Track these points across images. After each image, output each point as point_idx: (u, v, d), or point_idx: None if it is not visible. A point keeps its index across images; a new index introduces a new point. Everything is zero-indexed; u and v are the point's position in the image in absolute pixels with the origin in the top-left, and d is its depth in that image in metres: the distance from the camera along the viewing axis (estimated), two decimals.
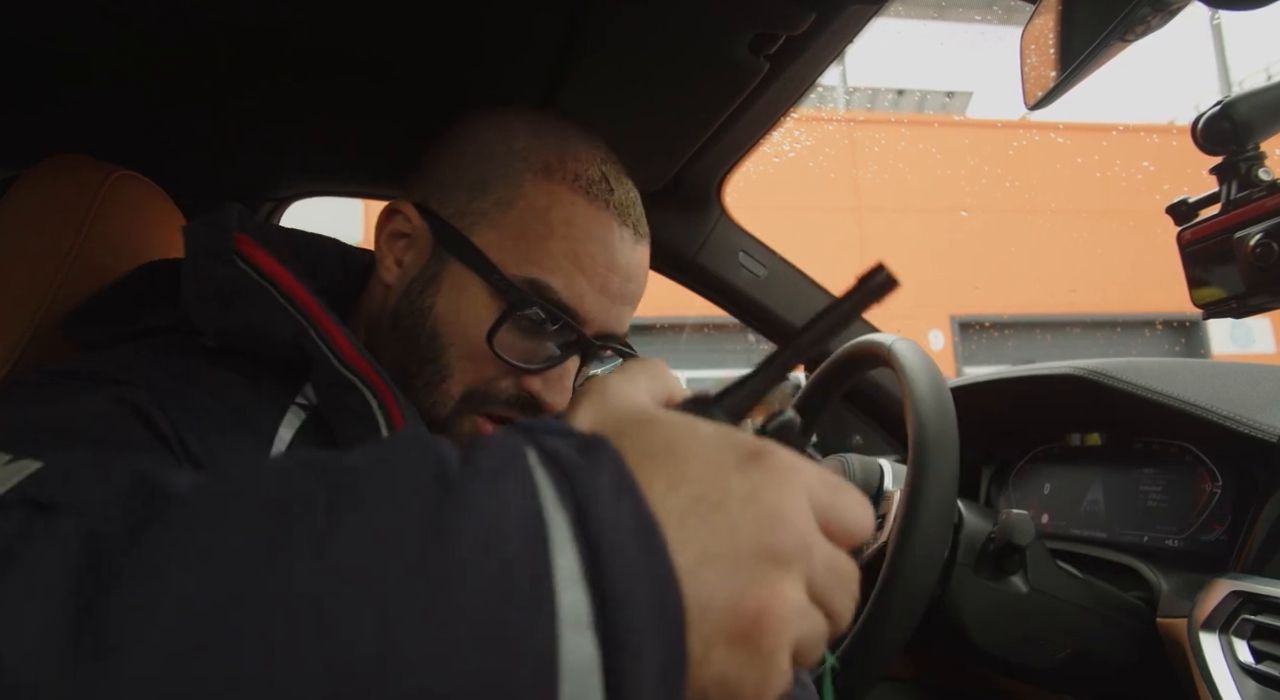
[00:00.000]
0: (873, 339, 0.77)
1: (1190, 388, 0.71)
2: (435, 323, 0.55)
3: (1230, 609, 0.58)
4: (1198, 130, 0.49)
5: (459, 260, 0.55)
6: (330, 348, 0.48)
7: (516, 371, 0.55)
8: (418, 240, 0.57)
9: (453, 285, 0.55)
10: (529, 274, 0.54)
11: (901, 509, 0.61)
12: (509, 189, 0.55)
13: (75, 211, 0.61)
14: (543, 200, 0.55)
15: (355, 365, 0.48)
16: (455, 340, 0.54)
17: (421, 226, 0.57)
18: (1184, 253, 0.51)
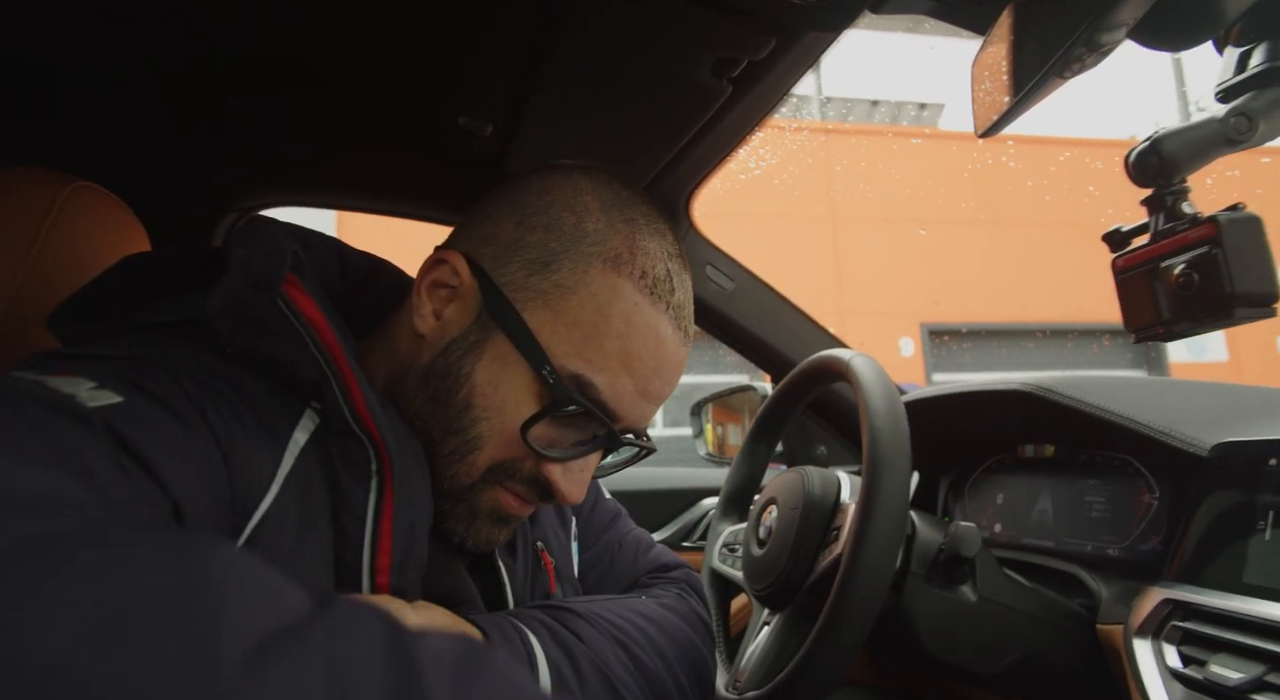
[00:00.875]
0: (832, 354, 0.79)
1: (1130, 404, 0.74)
2: (471, 393, 0.53)
3: (1161, 616, 0.61)
4: (1129, 164, 0.51)
5: (506, 335, 0.53)
6: (347, 403, 0.48)
7: (540, 457, 0.54)
8: (464, 297, 0.55)
9: (495, 358, 0.53)
10: (577, 369, 0.53)
11: (855, 522, 0.63)
12: (573, 273, 0.54)
13: (31, 222, 0.61)
14: (605, 294, 0.54)
15: (366, 426, 0.48)
16: (490, 416, 0.53)
17: (472, 285, 0.55)
18: (1117, 278, 0.54)
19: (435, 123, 0.81)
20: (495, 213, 0.57)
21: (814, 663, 0.61)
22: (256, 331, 0.48)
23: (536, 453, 0.54)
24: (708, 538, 0.98)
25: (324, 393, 0.48)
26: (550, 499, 0.57)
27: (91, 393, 0.40)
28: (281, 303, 0.48)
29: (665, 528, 1.30)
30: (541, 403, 0.53)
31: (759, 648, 0.76)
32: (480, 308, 0.54)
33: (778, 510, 0.79)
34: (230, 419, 0.45)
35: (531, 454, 0.54)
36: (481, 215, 0.58)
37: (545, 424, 0.54)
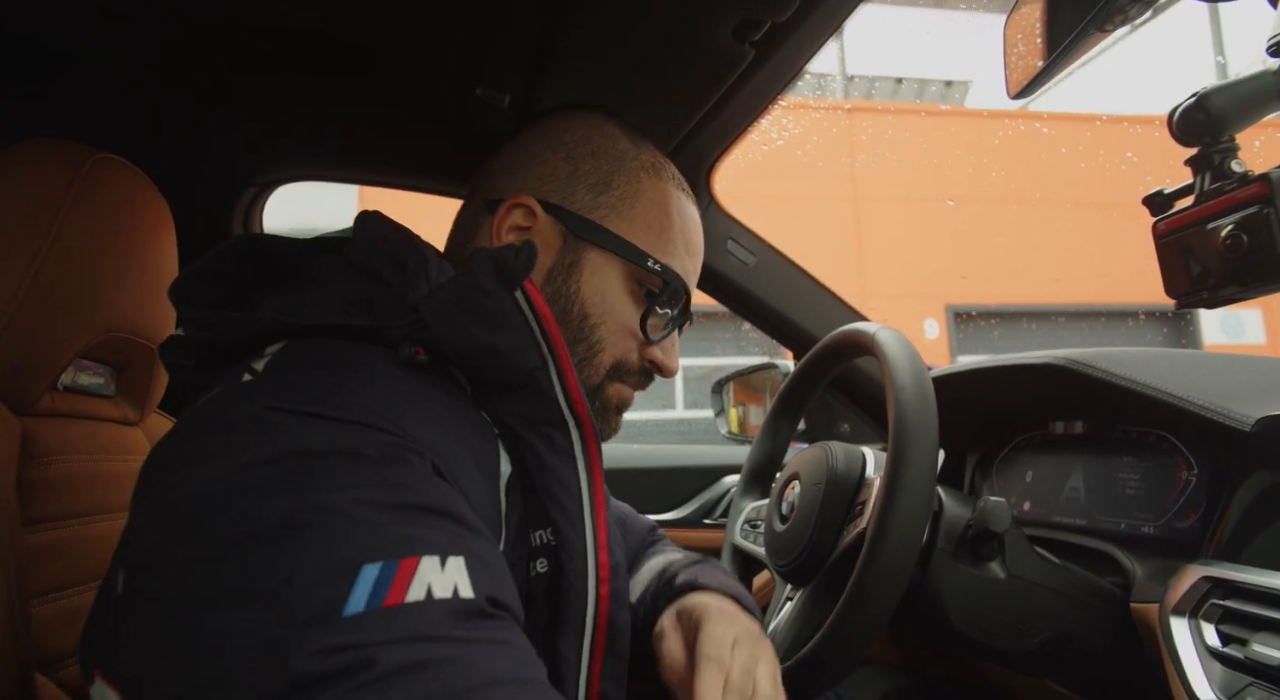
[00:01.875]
0: (857, 328, 0.77)
1: (1167, 377, 0.71)
2: (584, 306, 0.60)
3: (1200, 594, 0.59)
4: (1173, 121, 0.49)
5: (598, 247, 0.61)
6: (564, 389, 0.52)
7: (646, 344, 0.63)
8: (541, 232, 0.61)
9: (594, 272, 0.61)
10: (664, 260, 0.62)
11: (880, 497, 0.62)
12: (630, 185, 0.62)
13: (54, 194, 0.61)
14: (659, 195, 0.63)
15: (576, 405, 0.53)
16: (606, 319, 0.61)
17: (546, 220, 0.61)
18: (1158, 243, 0.52)
19: (453, 94, 0.80)
20: (537, 156, 0.63)
21: (839, 637, 0.61)
22: (487, 323, 0.50)
23: (648, 340, 0.63)
24: (729, 514, 0.97)
25: (540, 380, 0.52)
26: (651, 380, 0.65)
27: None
28: (520, 295, 0.52)
29: (686, 505, 1.29)
30: (637, 298, 0.62)
31: (782, 623, 0.75)
32: (563, 235, 0.61)
33: (801, 486, 0.78)
34: (465, 477, 0.46)
35: (639, 344, 0.63)
36: (522, 163, 0.63)
37: (654, 316, 0.63)
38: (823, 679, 0.64)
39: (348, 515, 0.37)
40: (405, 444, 0.42)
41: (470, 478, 0.46)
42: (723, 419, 1.44)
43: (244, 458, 0.39)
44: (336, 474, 0.38)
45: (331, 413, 0.41)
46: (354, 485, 0.38)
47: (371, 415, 0.42)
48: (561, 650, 0.50)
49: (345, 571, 0.35)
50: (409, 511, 0.39)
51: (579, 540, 0.52)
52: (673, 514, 1.29)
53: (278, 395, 0.43)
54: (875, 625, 0.60)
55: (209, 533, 0.36)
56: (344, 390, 0.44)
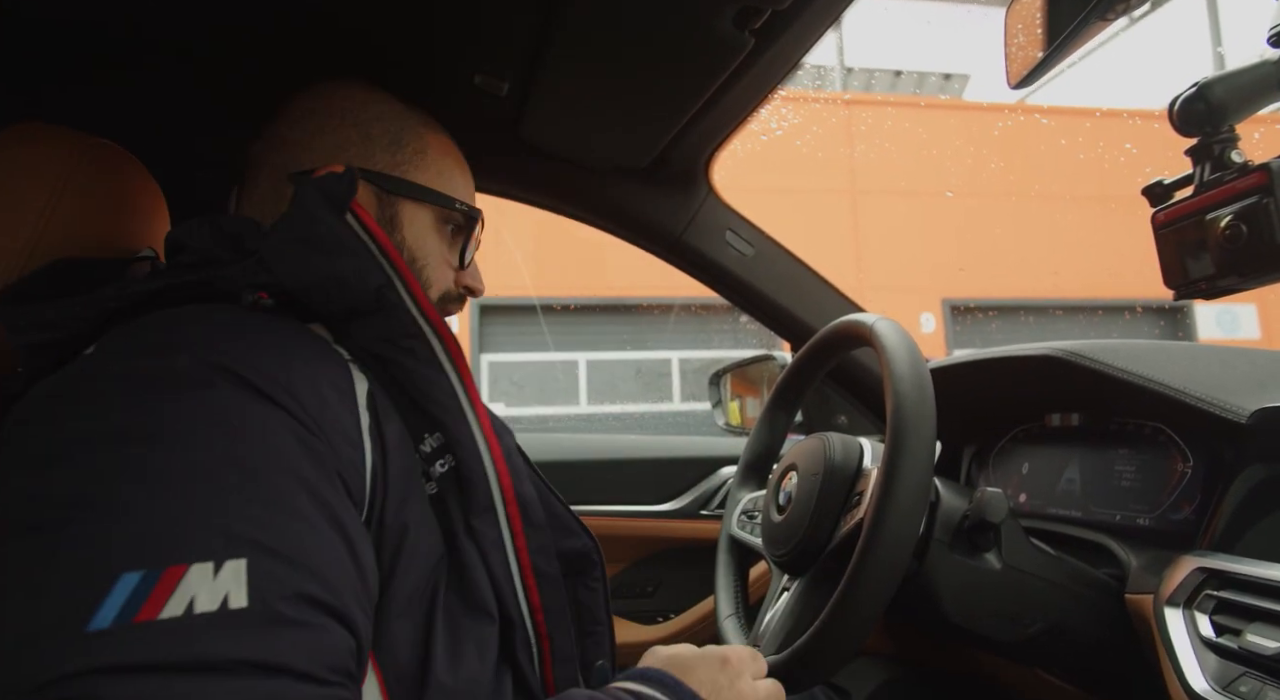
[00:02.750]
0: (855, 319, 0.77)
1: (1164, 369, 0.71)
2: (411, 250, 0.65)
3: (1194, 585, 0.60)
4: (1174, 111, 0.49)
5: (409, 199, 0.65)
6: (413, 300, 0.56)
7: (459, 272, 0.69)
8: (359, 196, 0.63)
9: (411, 220, 0.65)
10: (461, 198, 0.68)
11: (878, 487, 0.62)
12: (418, 141, 0.67)
13: (49, 177, 0.60)
14: (441, 144, 0.69)
15: (429, 315, 0.56)
16: (430, 258, 0.66)
17: (361, 184, 0.63)
18: (1157, 234, 0.52)
19: (451, 81, 0.79)
20: (322, 128, 0.65)
21: (835, 627, 0.61)
22: (325, 251, 0.53)
23: (463, 266, 0.69)
24: (726, 505, 0.97)
25: (388, 297, 0.54)
26: (464, 303, 0.71)
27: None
28: (351, 218, 0.56)
29: (683, 496, 1.30)
30: (445, 234, 0.68)
31: (778, 613, 0.75)
32: (375, 194, 0.64)
33: (798, 476, 0.78)
34: (323, 406, 0.46)
35: (455, 273, 0.69)
36: (309, 137, 0.65)
37: (455, 245, 0.69)
38: (819, 669, 0.64)
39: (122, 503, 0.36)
40: (222, 364, 0.42)
41: (313, 390, 0.46)
42: (720, 410, 1.44)
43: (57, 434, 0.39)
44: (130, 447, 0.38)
45: (165, 360, 0.42)
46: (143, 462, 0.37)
47: (193, 346, 0.43)
48: (480, 529, 0.54)
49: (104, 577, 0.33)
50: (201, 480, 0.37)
51: (466, 431, 0.55)
52: (669, 505, 1.29)
53: (112, 359, 0.44)
54: (872, 615, 0.60)
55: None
56: (177, 334, 0.45)
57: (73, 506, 0.35)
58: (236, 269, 0.52)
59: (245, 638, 0.34)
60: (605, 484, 1.28)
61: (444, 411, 0.54)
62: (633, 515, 1.27)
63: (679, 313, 6.65)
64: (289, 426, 0.42)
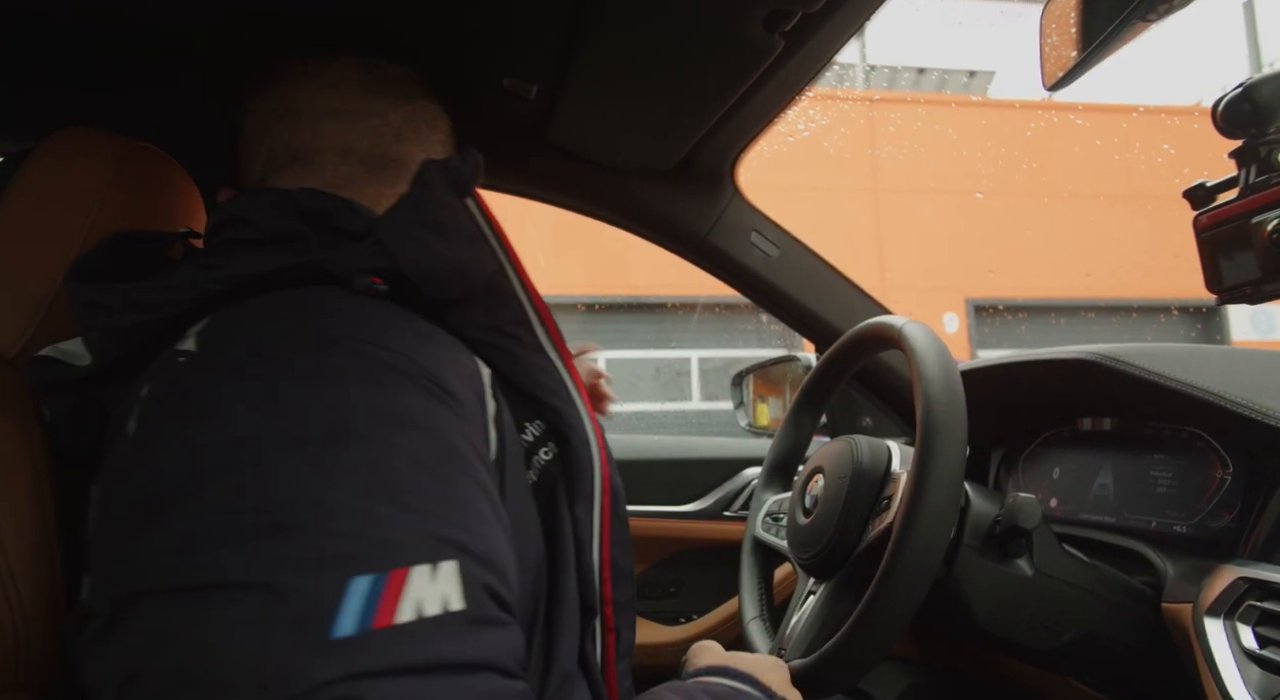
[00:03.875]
0: (883, 321, 0.77)
1: (1203, 374, 0.70)
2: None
3: (1236, 595, 0.58)
4: (1218, 113, 0.48)
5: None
6: (521, 285, 0.54)
7: None
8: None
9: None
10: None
11: (908, 490, 0.61)
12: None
13: (92, 183, 0.61)
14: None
15: (535, 300, 0.55)
16: None
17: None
18: (1200, 237, 0.51)
19: (480, 85, 0.80)
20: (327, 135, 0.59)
21: (864, 631, 0.60)
22: (444, 238, 0.50)
23: None
24: (750, 507, 0.97)
25: (500, 283, 0.53)
26: None
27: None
28: (472, 203, 0.53)
29: (706, 497, 1.29)
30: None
31: (805, 616, 0.75)
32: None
33: (824, 479, 0.78)
34: (465, 393, 0.44)
35: None
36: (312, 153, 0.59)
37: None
38: (846, 674, 0.63)
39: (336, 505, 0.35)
40: (382, 359, 0.40)
41: (461, 383, 0.44)
42: (743, 411, 1.44)
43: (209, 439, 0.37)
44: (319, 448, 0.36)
45: (308, 345, 0.40)
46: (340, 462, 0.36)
47: (345, 339, 0.41)
48: (580, 517, 0.53)
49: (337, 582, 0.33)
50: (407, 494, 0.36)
51: (575, 414, 0.54)
52: (692, 506, 1.29)
53: (249, 353, 0.41)
54: (901, 620, 0.60)
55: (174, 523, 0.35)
56: (321, 324, 0.42)
57: (280, 511, 0.34)
58: (351, 252, 0.48)
59: (468, 638, 0.35)
60: (627, 483, 1.27)
61: (554, 397, 0.53)
62: (655, 515, 1.27)
63: (702, 312, 6.64)
64: (454, 424, 0.41)
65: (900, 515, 0.61)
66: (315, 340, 0.41)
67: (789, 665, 0.70)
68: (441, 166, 0.51)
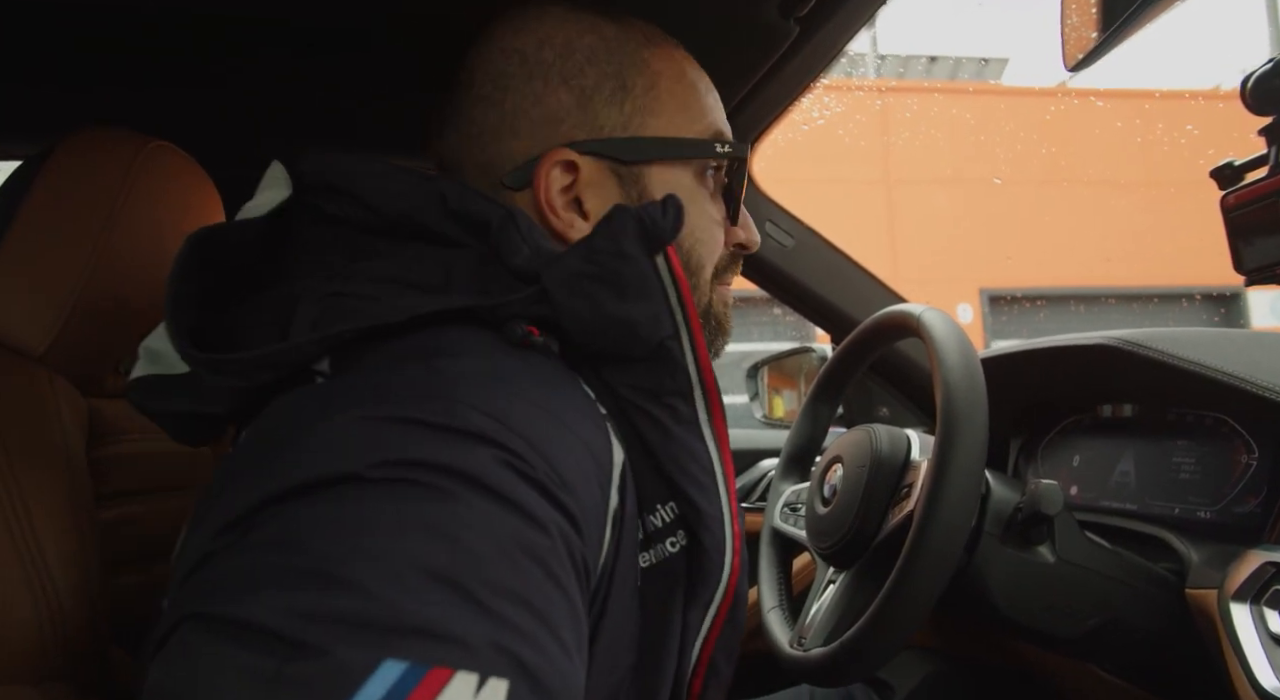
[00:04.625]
0: (901, 309, 0.76)
1: (1229, 358, 0.69)
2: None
3: (1263, 580, 0.58)
4: (1247, 89, 0.47)
5: (655, 163, 0.52)
6: (694, 354, 0.46)
7: (726, 230, 0.57)
8: (593, 180, 0.52)
9: (664, 188, 0.52)
10: (713, 132, 0.55)
11: (929, 478, 0.61)
12: (643, 74, 0.53)
13: (111, 181, 0.62)
14: (668, 66, 0.55)
15: (705, 373, 0.46)
16: (696, 232, 0.54)
17: (589, 163, 0.51)
18: (1227, 218, 0.50)
19: None
20: (532, 95, 0.51)
21: (885, 619, 0.60)
22: (617, 294, 0.43)
23: (734, 220, 0.57)
24: (768, 498, 0.97)
25: (671, 349, 0.45)
26: (740, 264, 0.61)
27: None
28: (662, 260, 0.45)
29: None
30: (710, 188, 0.55)
31: (824, 606, 0.75)
32: (613, 170, 0.52)
33: (843, 468, 0.77)
34: (580, 484, 0.38)
35: (722, 233, 0.57)
36: (512, 116, 0.52)
37: (719, 197, 0.56)
38: (867, 662, 0.63)
39: (390, 570, 0.29)
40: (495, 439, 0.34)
41: (584, 481, 0.38)
42: (758, 403, 1.44)
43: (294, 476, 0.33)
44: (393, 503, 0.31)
45: (435, 418, 0.34)
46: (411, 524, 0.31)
47: (481, 421, 0.35)
48: (689, 621, 0.46)
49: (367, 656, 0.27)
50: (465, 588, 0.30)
51: (716, 512, 0.46)
52: None
53: (363, 397, 0.36)
54: (922, 609, 0.60)
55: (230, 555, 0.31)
56: (454, 387, 0.37)
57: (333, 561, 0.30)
58: (513, 300, 0.43)
59: None
60: None
61: (696, 487, 0.45)
62: None
63: None
64: (560, 527, 0.35)
65: (922, 503, 0.60)
66: (432, 401, 0.36)
67: (809, 654, 0.70)
68: (637, 216, 0.44)
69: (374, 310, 0.41)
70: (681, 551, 0.46)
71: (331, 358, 0.41)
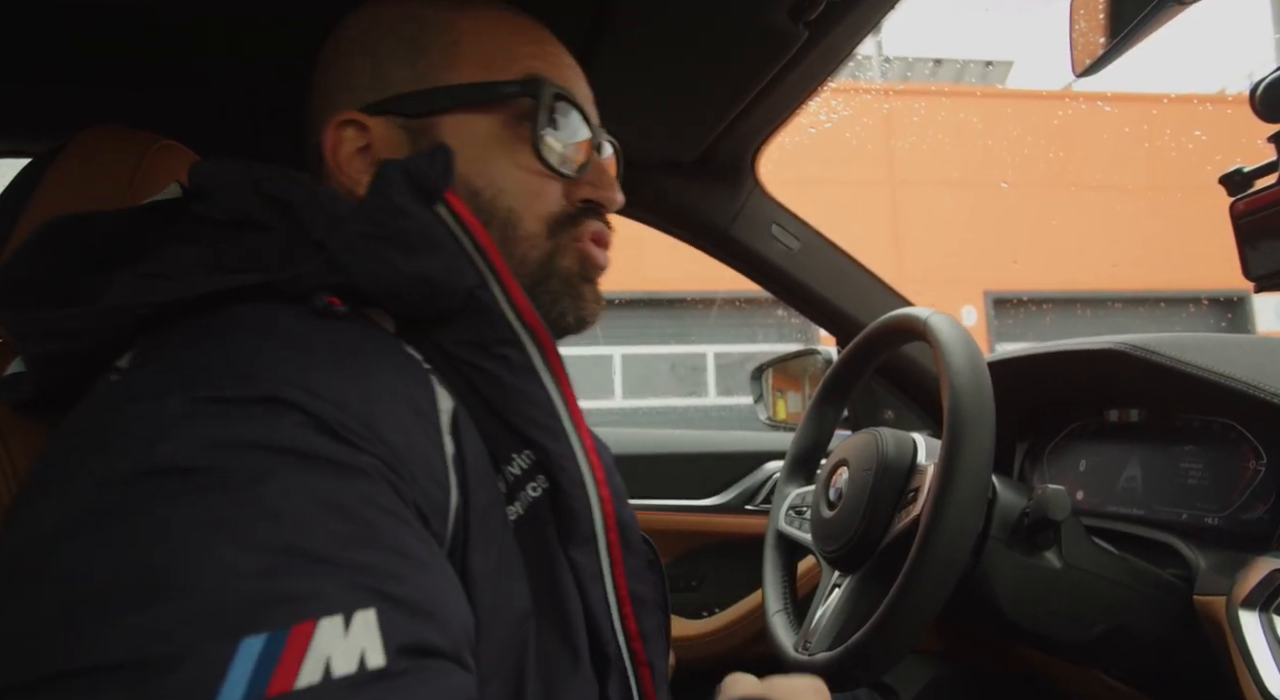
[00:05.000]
0: (908, 312, 0.76)
1: (1237, 364, 0.69)
2: (470, 183, 0.50)
3: (1272, 587, 0.58)
4: (1256, 96, 0.47)
5: (444, 113, 0.51)
6: (509, 300, 0.46)
7: (571, 183, 0.53)
8: (383, 137, 0.51)
9: (457, 139, 0.50)
10: (525, 71, 0.51)
11: (935, 482, 0.61)
12: (445, 35, 0.52)
13: (119, 181, 0.62)
14: (480, 24, 0.53)
15: (526, 316, 0.47)
16: (500, 182, 0.51)
17: (379, 122, 0.51)
18: (1236, 224, 0.50)
19: None
20: (336, 70, 0.54)
21: (891, 623, 0.60)
22: (404, 251, 0.43)
23: (567, 175, 0.52)
24: (773, 500, 0.97)
25: (482, 298, 0.46)
26: (603, 217, 0.55)
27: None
28: (444, 208, 0.45)
29: (727, 491, 1.29)
30: (521, 137, 0.51)
31: (829, 609, 0.75)
32: (403, 126, 0.51)
33: (849, 472, 0.77)
34: (398, 432, 0.38)
35: (564, 187, 0.53)
36: (321, 88, 0.54)
37: (547, 142, 0.51)
38: (872, 667, 0.63)
39: (223, 561, 0.29)
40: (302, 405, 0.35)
41: (400, 427, 0.38)
42: (763, 405, 1.43)
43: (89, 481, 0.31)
44: (207, 494, 0.31)
45: (231, 392, 0.34)
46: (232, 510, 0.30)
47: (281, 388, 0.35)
48: (578, 560, 0.47)
49: (221, 646, 0.27)
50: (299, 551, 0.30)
51: (568, 452, 0.47)
52: (714, 500, 1.29)
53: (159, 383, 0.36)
54: (928, 613, 0.60)
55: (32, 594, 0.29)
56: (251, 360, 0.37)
57: (156, 571, 0.29)
58: (304, 271, 0.43)
59: (392, 697, 0.29)
60: (649, 478, 1.28)
61: (541, 431, 0.46)
62: (677, 509, 1.28)
63: (721, 307, 6.62)
64: (379, 470, 0.36)
65: (928, 507, 0.60)
66: (233, 377, 0.36)
67: (814, 658, 0.70)
68: (402, 168, 0.45)
69: (168, 288, 0.41)
70: (544, 494, 0.47)
71: (133, 352, 0.41)
